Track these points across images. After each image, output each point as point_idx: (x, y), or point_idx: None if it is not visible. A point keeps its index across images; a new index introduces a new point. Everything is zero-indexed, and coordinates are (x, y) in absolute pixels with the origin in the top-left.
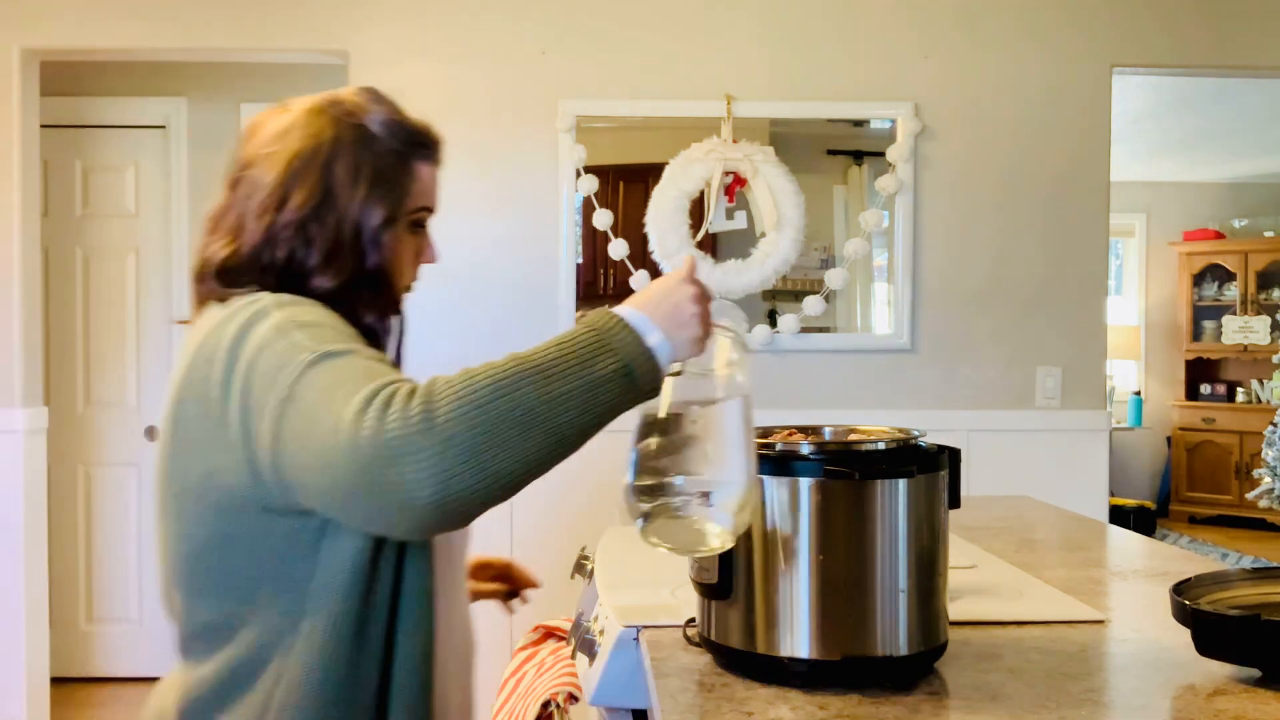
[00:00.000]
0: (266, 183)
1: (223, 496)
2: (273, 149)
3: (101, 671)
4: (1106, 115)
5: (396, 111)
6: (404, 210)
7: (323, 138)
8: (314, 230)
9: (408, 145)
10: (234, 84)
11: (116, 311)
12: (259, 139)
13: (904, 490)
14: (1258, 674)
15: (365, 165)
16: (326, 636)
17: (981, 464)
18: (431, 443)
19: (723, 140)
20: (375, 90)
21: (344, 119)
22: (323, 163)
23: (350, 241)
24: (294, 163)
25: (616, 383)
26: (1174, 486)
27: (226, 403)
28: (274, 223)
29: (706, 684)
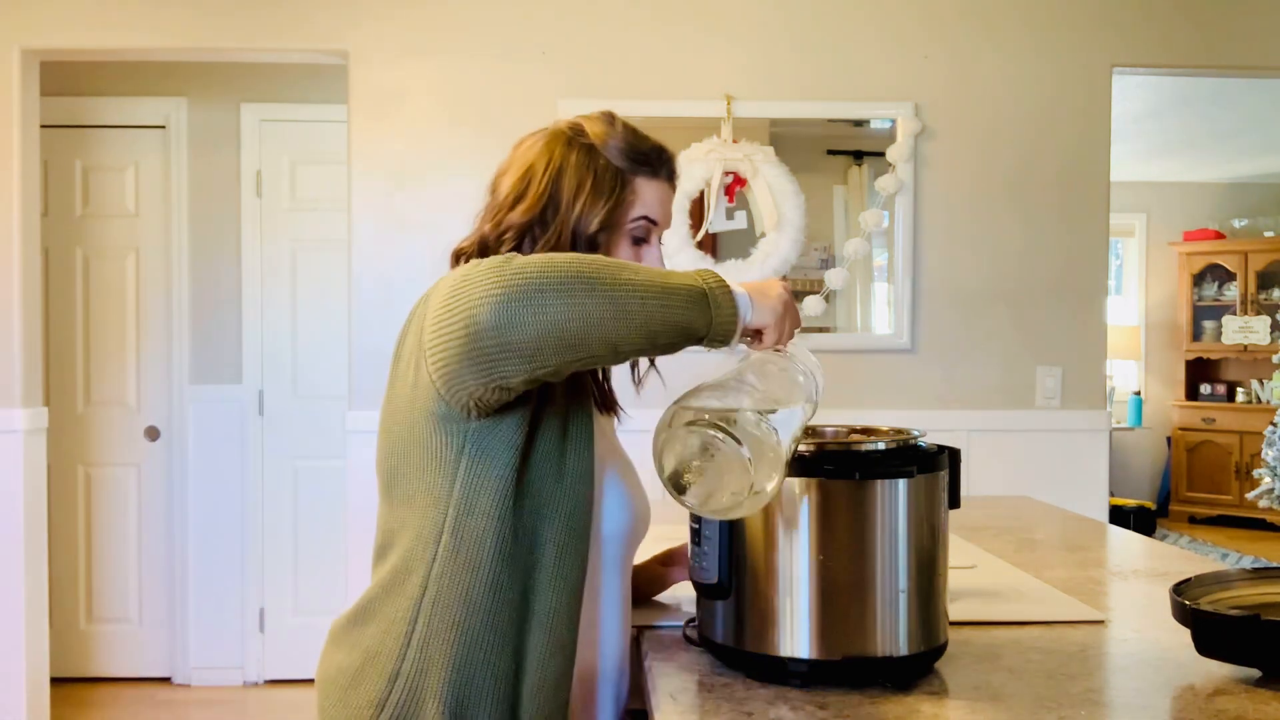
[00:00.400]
0: (504, 189)
1: (407, 409)
2: (516, 161)
3: (101, 671)
4: (1106, 115)
5: (628, 133)
6: (621, 220)
7: (555, 154)
8: (538, 233)
9: (630, 162)
10: (234, 84)
11: (116, 311)
12: (513, 154)
13: (904, 490)
14: (1258, 674)
15: (587, 179)
16: (461, 553)
17: (981, 464)
18: (505, 272)
19: (723, 140)
20: (612, 114)
21: (577, 139)
22: (552, 175)
23: (569, 246)
24: (528, 173)
25: (689, 295)
26: (1174, 486)
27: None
28: (502, 222)
29: (706, 684)
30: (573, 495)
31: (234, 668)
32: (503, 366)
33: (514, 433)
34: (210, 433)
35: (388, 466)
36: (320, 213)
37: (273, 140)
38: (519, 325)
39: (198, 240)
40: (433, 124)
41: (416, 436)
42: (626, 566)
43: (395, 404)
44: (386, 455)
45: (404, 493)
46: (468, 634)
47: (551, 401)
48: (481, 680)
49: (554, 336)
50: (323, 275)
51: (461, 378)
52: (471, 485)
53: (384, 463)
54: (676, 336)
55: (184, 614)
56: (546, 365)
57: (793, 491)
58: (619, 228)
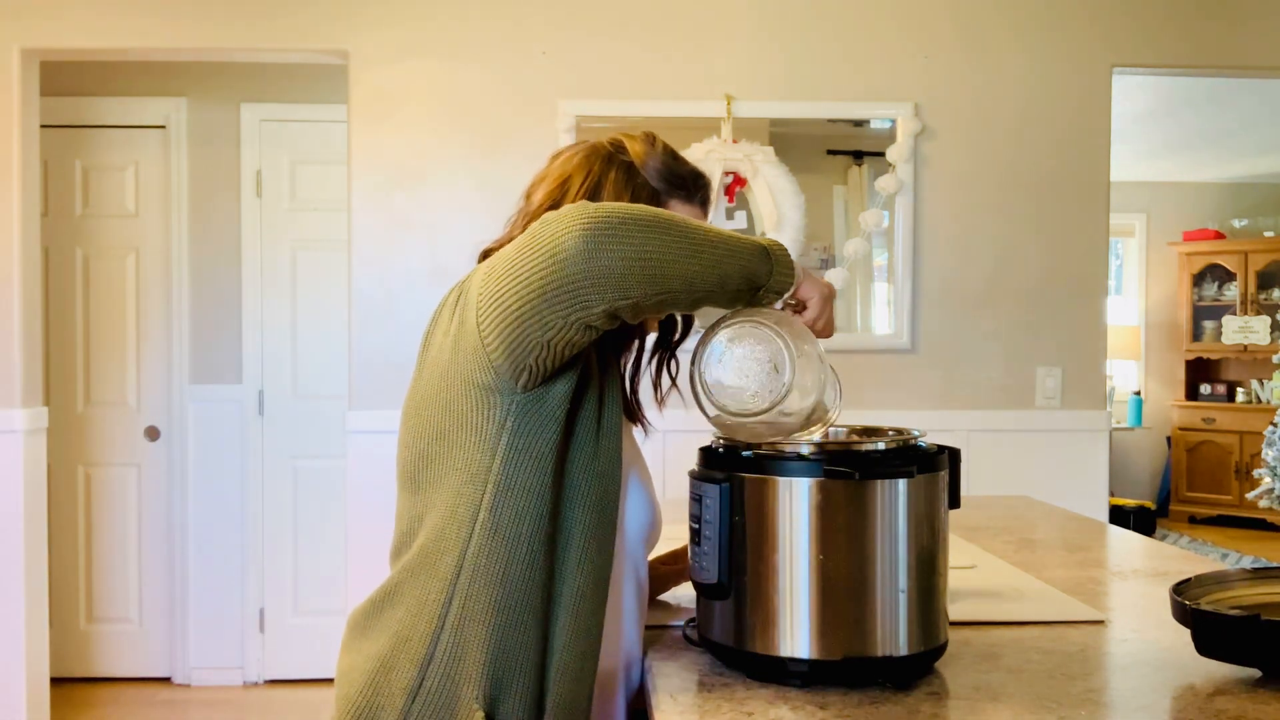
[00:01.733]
0: (539, 198)
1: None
2: (554, 172)
3: (101, 671)
4: (1106, 115)
5: (668, 155)
6: None
7: (594, 169)
8: None
9: (667, 184)
10: (234, 84)
11: (116, 311)
12: (551, 165)
13: (904, 490)
14: (1258, 674)
15: (624, 197)
16: (501, 529)
17: (981, 464)
18: (588, 210)
19: (723, 140)
20: (653, 135)
21: (617, 156)
22: (589, 189)
23: None
24: (565, 184)
25: (755, 248)
26: (1174, 486)
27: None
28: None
29: (706, 684)
30: (603, 482)
31: (234, 668)
32: (588, 295)
33: (558, 406)
34: (210, 433)
35: (415, 452)
36: (320, 213)
37: (273, 140)
38: (606, 253)
39: (198, 240)
40: (433, 124)
41: (453, 413)
42: (643, 565)
43: (424, 391)
44: (414, 440)
45: (434, 474)
46: (504, 614)
47: (590, 384)
48: (515, 663)
49: (638, 265)
50: (323, 275)
51: (541, 317)
52: (513, 460)
53: (411, 448)
54: (743, 282)
55: (184, 614)
56: (629, 295)
57: (793, 491)
58: None
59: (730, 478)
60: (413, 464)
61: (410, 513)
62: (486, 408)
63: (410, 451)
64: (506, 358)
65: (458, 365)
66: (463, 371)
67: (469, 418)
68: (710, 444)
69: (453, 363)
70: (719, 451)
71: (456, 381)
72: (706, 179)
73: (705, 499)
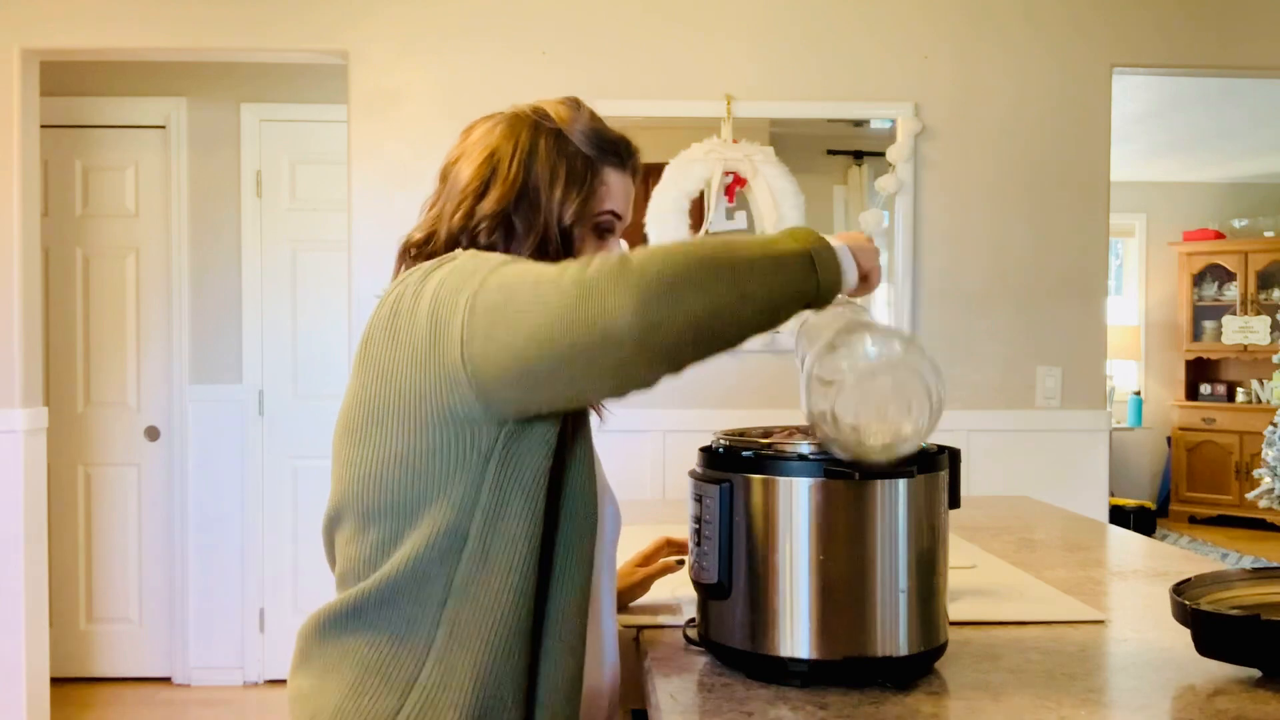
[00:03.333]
0: (466, 176)
1: (405, 411)
2: (475, 147)
3: (101, 671)
4: (1106, 115)
5: (594, 119)
6: (591, 211)
7: (521, 138)
8: (517, 224)
9: (599, 151)
10: (234, 84)
11: (116, 311)
12: (468, 140)
13: (904, 490)
14: (1258, 674)
15: (560, 165)
16: (491, 558)
17: (981, 464)
18: (630, 273)
19: (723, 140)
20: (577, 100)
21: (543, 123)
22: (522, 160)
23: (555, 239)
24: (493, 159)
25: (798, 262)
26: (1174, 486)
27: (414, 316)
28: (472, 212)
29: (706, 684)
30: (585, 495)
31: (234, 668)
32: (637, 369)
33: (549, 430)
34: (210, 433)
35: (372, 480)
36: (320, 213)
37: (273, 140)
38: (659, 327)
39: (198, 240)
40: (433, 124)
41: (424, 441)
42: (614, 567)
43: (372, 412)
44: (368, 467)
45: (400, 503)
46: (494, 641)
47: None
48: (503, 688)
49: (691, 332)
50: (323, 275)
51: (574, 383)
52: (503, 487)
53: (364, 477)
54: (795, 307)
55: (184, 614)
56: (684, 362)
57: (793, 491)
58: (588, 220)
59: (730, 478)
60: (369, 493)
61: (368, 539)
62: (470, 437)
63: (364, 480)
64: (513, 405)
65: (427, 392)
66: (436, 400)
67: (447, 448)
68: (710, 444)
69: (418, 388)
70: (719, 452)
71: (426, 409)
72: (635, 145)
73: (706, 499)
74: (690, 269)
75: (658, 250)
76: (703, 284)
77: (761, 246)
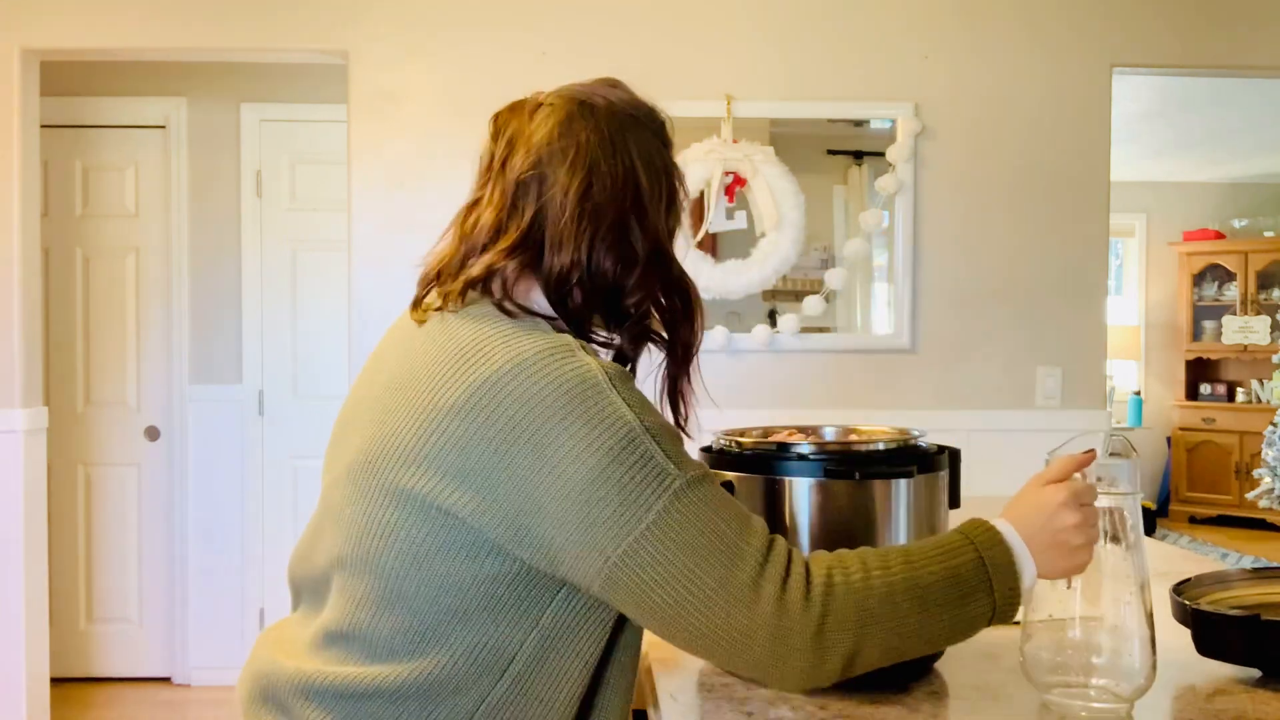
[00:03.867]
0: (572, 186)
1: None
2: (561, 148)
3: (101, 671)
4: (1106, 115)
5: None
6: (679, 207)
7: (614, 136)
8: (633, 238)
9: (664, 138)
10: (234, 84)
11: (116, 311)
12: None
13: (904, 490)
14: (1258, 674)
15: (656, 161)
16: (541, 679)
17: (981, 464)
18: (819, 648)
19: (723, 140)
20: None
21: (621, 112)
22: (626, 165)
23: (661, 248)
24: (593, 164)
25: (983, 622)
26: (1174, 486)
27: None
28: (595, 232)
29: (706, 684)
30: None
31: (234, 668)
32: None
33: None
34: (210, 433)
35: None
36: (320, 213)
37: (273, 140)
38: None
39: (198, 240)
40: (432, 124)
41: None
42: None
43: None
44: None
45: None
46: None
47: None
48: None
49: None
50: (323, 275)
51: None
52: (566, 622)
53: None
54: (972, 634)
55: (184, 614)
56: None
57: (793, 491)
58: (679, 217)
59: (730, 478)
60: (402, 570)
61: (389, 618)
62: (526, 587)
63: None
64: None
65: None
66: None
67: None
68: (710, 444)
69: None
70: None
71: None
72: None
73: None
74: (876, 641)
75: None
76: (878, 654)
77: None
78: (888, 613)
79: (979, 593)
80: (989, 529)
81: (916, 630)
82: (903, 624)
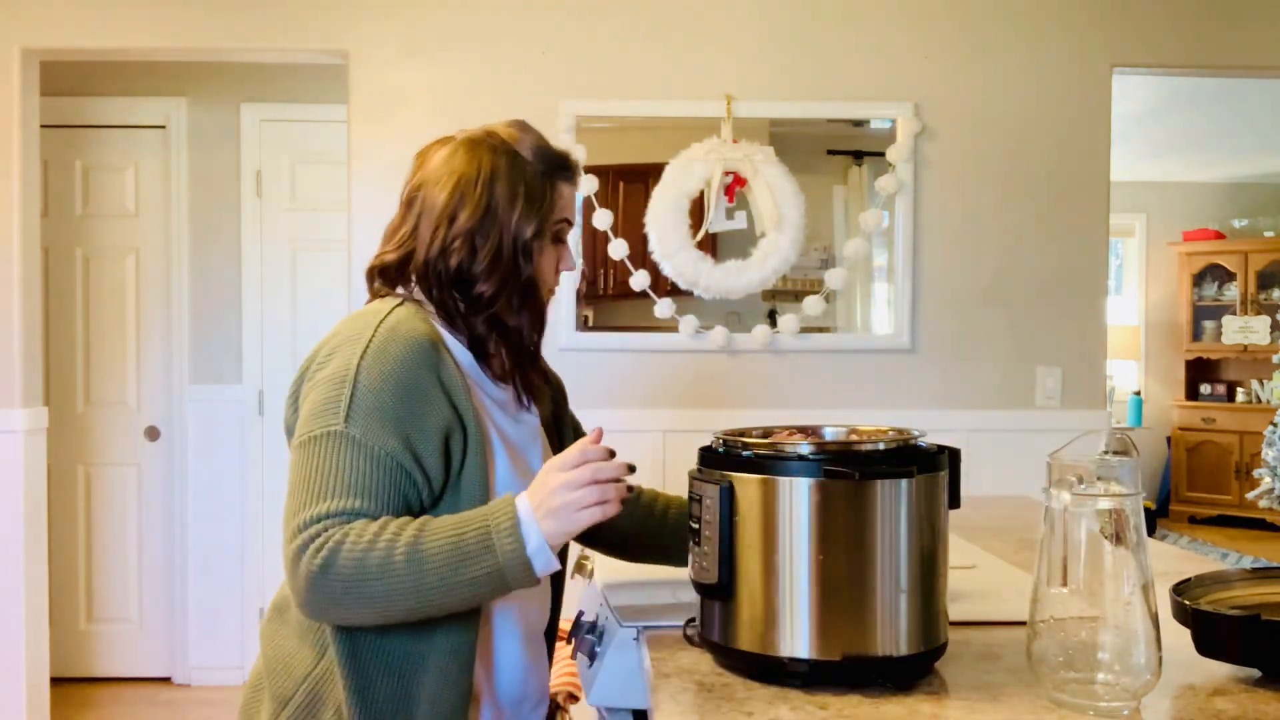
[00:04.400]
0: (439, 200)
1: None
2: (442, 173)
3: (101, 671)
4: (1106, 115)
5: (541, 139)
6: (548, 224)
7: (483, 161)
8: (479, 242)
9: (551, 167)
10: (234, 84)
11: (116, 311)
12: (429, 166)
13: (904, 490)
14: (1258, 674)
15: (519, 185)
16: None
17: (981, 464)
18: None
19: (723, 140)
20: (523, 122)
21: (500, 147)
22: (486, 183)
23: (509, 252)
24: (461, 184)
25: (489, 581)
26: (1174, 486)
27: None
28: (446, 235)
29: (706, 684)
30: None
31: (234, 668)
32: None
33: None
34: (210, 433)
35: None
36: (320, 213)
37: (273, 140)
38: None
39: (198, 240)
40: (433, 124)
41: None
42: (524, 596)
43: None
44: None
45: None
46: (368, 678)
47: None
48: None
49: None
50: (323, 275)
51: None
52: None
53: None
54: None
55: (184, 614)
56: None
57: (793, 491)
58: (547, 232)
59: (730, 478)
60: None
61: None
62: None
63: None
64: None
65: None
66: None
67: None
68: (710, 444)
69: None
70: (719, 452)
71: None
72: (575, 155)
73: (705, 499)
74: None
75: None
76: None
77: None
78: (382, 594)
79: (482, 556)
80: (505, 500)
81: (415, 592)
82: (400, 596)
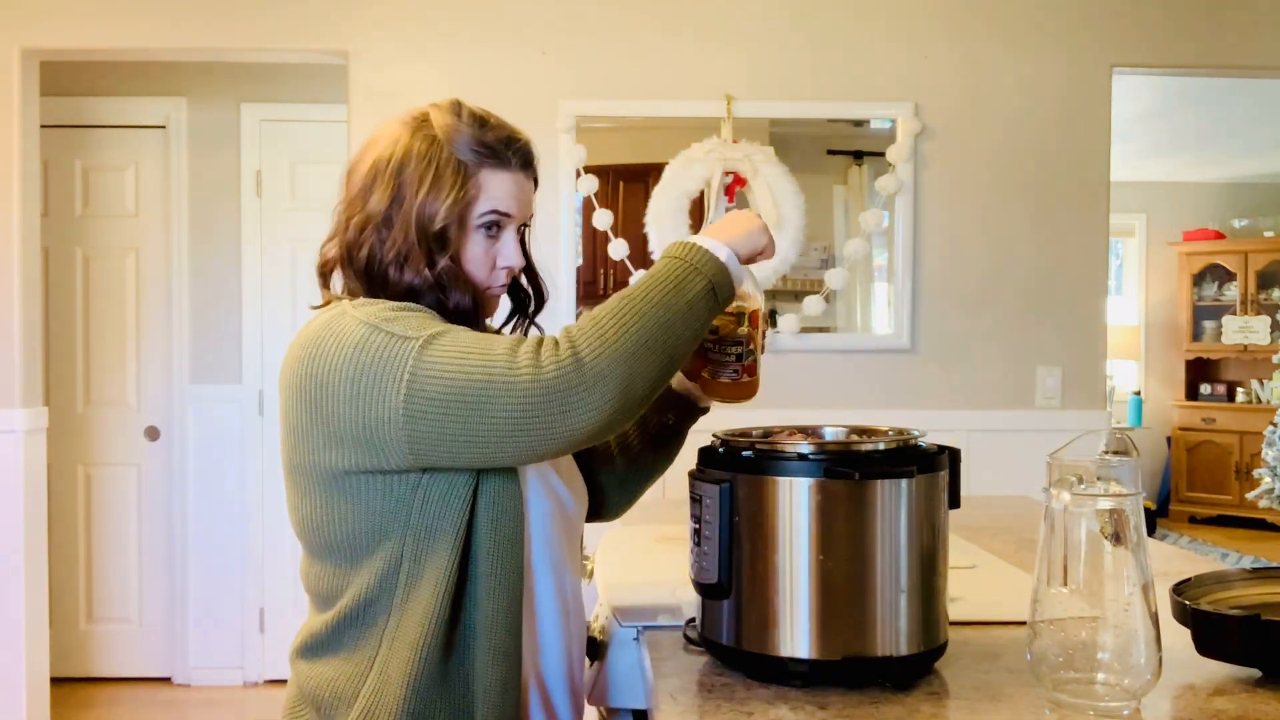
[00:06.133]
0: (357, 180)
1: (326, 475)
2: (365, 155)
3: (101, 671)
4: (1106, 115)
5: (475, 123)
6: (468, 213)
7: (399, 145)
8: (384, 231)
9: (475, 154)
10: (234, 84)
11: (116, 311)
12: (365, 143)
13: (904, 490)
14: (1258, 674)
15: (428, 172)
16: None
17: (981, 464)
18: (586, 380)
19: (723, 140)
20: (459, 103)
21: (420, 129)
22: (396, 167)
23: (419, 241)
24: (376, 167)
25: (706, 297)
26: (1174, 486)
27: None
28: (361, 222)
29: (706, 684)
30: (504, 498)
31: (234, 668)
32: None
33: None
34: (210, 433)
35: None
36: (320, 213)
37: (273, 140)
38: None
39: (198, 240)
40: None
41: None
42: (560, 568)
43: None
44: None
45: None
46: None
47: None
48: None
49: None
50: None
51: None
52: (430, 512)
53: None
54: (705, 328)
55: (184, 614)
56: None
57: (793, 491)
58: (466, 221)
59: (730, 478)
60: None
61: (319, 572)
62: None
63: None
64: (446, 465)
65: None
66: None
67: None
68: (710, 444)
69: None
70: (719, 452)
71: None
72: (521, 141)
73: (705, 499)
74: (633, 356)
75: (602, 339)
76: (642, 367)
77: (675, 294)
78: (628, 327)
79: (689, 277)
80: (677, 241)
81: (658, 327)
82: (644, 330)
